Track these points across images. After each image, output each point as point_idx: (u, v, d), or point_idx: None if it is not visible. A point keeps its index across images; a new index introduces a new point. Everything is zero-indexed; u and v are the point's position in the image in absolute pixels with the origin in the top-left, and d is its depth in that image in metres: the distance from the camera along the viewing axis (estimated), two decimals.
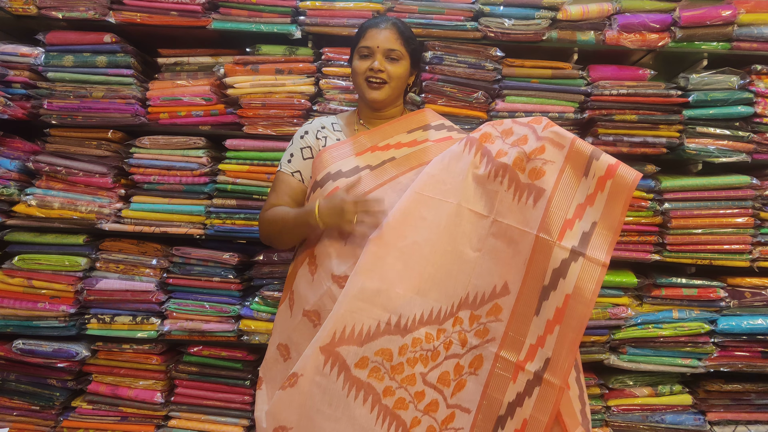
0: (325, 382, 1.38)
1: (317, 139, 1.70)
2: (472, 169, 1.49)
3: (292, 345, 1.63)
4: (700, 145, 2.24)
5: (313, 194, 1.63)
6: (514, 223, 1.42)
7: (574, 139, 1.42)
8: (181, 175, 2.29)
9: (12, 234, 2.31)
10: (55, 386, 2.34)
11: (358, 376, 1.38)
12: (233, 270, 2.29)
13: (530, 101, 2.25)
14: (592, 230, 1.38)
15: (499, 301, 1.43)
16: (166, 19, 2.21)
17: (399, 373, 1.41)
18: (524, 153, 1.44)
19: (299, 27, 2.23)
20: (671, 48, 2.25)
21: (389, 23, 1.66)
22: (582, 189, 1.40)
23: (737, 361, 2.29)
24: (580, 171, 1.41)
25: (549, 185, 1.40)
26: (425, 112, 1.81)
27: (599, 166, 1.38)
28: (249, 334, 2.28)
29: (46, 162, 2.27)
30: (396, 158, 1.64)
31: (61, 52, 2.24)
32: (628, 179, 1.36)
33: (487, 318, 1.44)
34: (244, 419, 2.34)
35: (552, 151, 1.42)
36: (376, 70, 1.62)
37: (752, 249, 2.27)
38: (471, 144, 1.54)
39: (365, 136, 1.68)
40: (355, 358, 1.38)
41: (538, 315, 1.40)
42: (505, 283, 1.43)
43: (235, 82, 2.24)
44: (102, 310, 2.30)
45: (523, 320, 1.41)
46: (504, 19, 2.22)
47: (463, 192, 1.48)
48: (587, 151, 1.41)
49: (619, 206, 1.37)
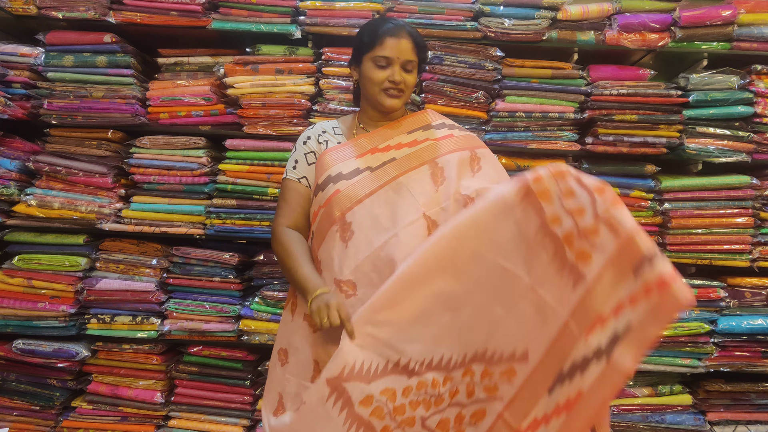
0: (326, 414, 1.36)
1: (319, 143, 1.70)
2: (520, 227, 1.36)
3: (291, 349, 1.63)
4: (700, 145, 2.24)
5: (315, 198, 1.63)
6: (550, 299, 1.33)
7: (632, 232, 1.22)
8: (181, 175, 2.29)
9: (12, 234, 2.31)
10: (55, 386, 2.34)
11: (361, 413, 1.36)
12: (233, 270, 2.29)
13: (530, 101, 2.25)
14: (625, 335, 1.23)
15: (515, 366, 1.38)
16: (166, 19, 2.21)
17: (400, 414, 1.39)
18: (577, 230, 1.29)
19: (299, 27, 2.23)
20: (671, 48, 2.25)
21: (405, 33, 1.64)
22: (625, 287, 1.24)
23: (737, 361, 2.29)
24: (628, 268, 1.24)
25: (592, 274, 1.26)
26: (425, 113, 1.81)
27: (652, 273, 1.19)
28: (249, 334, 2.28)
29: (46, 162, 2.27)
30: (396, 159, 1.63)
31: (61, 52, 2.24)
32: (679, 298, 1.16)
33: (499, 378, 1.39)
34: (244, 419, 2.34)
35: (605, 237, 1.25)
36: (398, 81, 1.62)
37: (752, 249, 2.27)
38: (526, 198, 1.35)
39: (365, 138, 1.68)
40: (360, 396, 1.36)
41: (550, 395, 1.34)
42: (526, 351, 1.36)
43: (235, 82, 2.24)
44: (102, 310, 2.30)
45: (534, 393, 1.36)
46: (504, 19, 2.22)
47: (505, 247, 1.36)
48: (643, 250, 1.21)
49: (661, 322, 1.21)
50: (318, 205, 1.61)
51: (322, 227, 1.60)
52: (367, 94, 1.69)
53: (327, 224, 1.58)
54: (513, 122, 2.27)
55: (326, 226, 1.58)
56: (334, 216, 1.56)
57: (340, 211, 1.55)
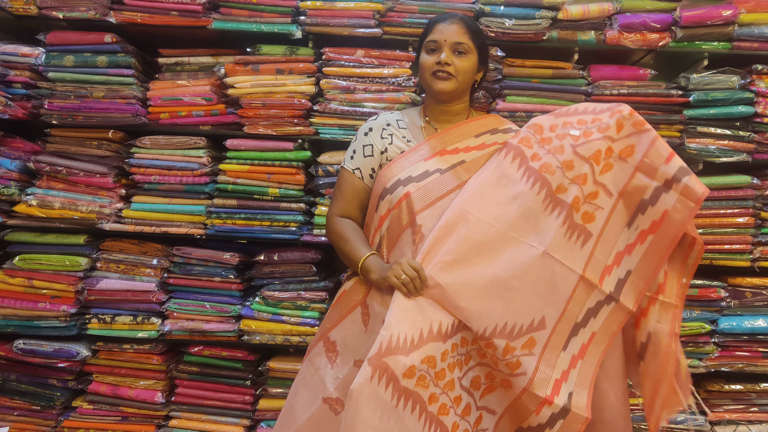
0: (374, 393, 1.37)
1: (382, 138, 1.69)
2: (528, 198, 1.50)
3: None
4: (700, 144, 2.24)
5: (382, 202, 1.62)
6: (563, 260, 1.45)
7: (621, 192, 1.48)
8: (181, 175, 2.29)
9: (13, 234, 2.31)
10: (55, 386, 2.34)
11: (406, 386, 1.38)
12: (234, 270, 2.29)
13: (531, 101, 2.25)
14: (626, 278, 1.48)
15: (534, 335, 1.45)
16: (166, 19, 2.21)
17: (441, 379, 1.43)
18: (582, 194, 1.48)
19: (300, 27, 2.23)
20: (672, 48, 2.25)
21: (456, 18, 1.68)
22: (623, 237, 1.49)
23: (738, 361, 2.29)
24: (624, 221, 1.49)
25: (596, 230, 1.47)
26: (494, 117, 1.83)
27: (643, 221, 1.46)
28: (249, 334, 2.28)
29: (46, 162, 2.27)
30: (466, 161, 1.63)
31: (62, 52, 2.25)
32: (668, 236, 1.43)
33: (521, 351, 1.44)
34: (245, 419, 2.34)
35: (603, 198, 1.48)
36: (443, 63, 1.63)
37: (753, 249, 2.27)
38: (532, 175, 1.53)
39: (434, 141, 1.68)
40: (402, 368, 1.37)
41: (566, 350, 1.46)
42: (543, 318, 1.46)
43: (235, 82, 2.24)
44: (103, 310, 2.30)
45: (552, 353, 1.46)
46: (504, 18, 2.22)
47: (514, 219, 1.49)
48: (635, 204, 1.47)
49: (655, 261, 1.46)
50: (387, 208, 1.60)
51: (393, 230, 1.59)
52: (423, 83, 1.71)
53: (398, 228, 1.58)
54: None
55: (398, 230, 1.58)
56: (405, 218, 1.56)
57: (411, 213, 1.55)
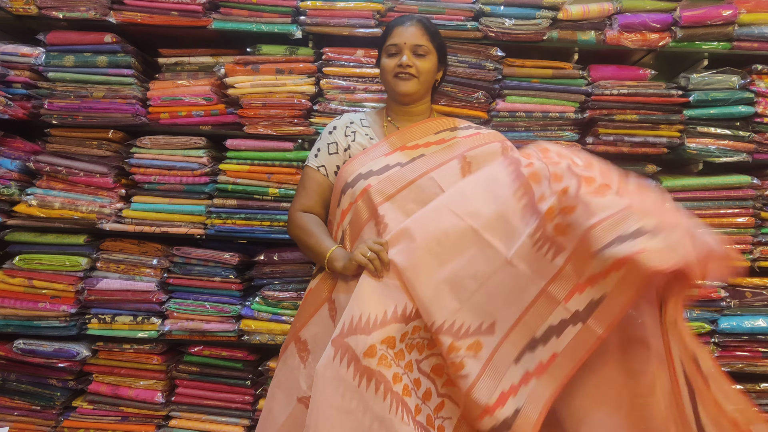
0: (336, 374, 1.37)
1: (345, 136, 1.73)
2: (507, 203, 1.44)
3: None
4: (700, 144, 2.24)
5: (344, 196, 1.64)
6: (527, 270, 1.37)
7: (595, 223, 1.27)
8: (181, 175, 2.29)
9: (13, 234, 2.31)
10: (55, 386, 2.34)
11: (368, 365, 1.36)
12: (234, 270, 2.29)
13: (531, 101, 2.25)
14: (599, 301, 1.31)
15: (481, 339, 1.40)
16: (166, 19, 2.21)
17: (401, 359, 1.41)
18: (558, 206, 1.36)
19: (300, 27, 2.23)
20: (672, 48, 2.25)
21: (414, 20, 1.71)
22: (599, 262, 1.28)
23: (738, 361, 2.29)
24: (590, 255, 1.31)
25: (570, 246, 1.34)
26: (453, 118, 1.85)
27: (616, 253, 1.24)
28: (249, 334, 2.27)
29: (46, 162, 2.27)
30: (425, 155, 1.66)
31: (62, 52, 2.24)
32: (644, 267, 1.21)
33: (466, 352, 1.39)
34: (245, 419, 2.34)
35: (581, 215, 1.32)
36: (405, 65, 1.67)
37: (753, 249, 2.27)
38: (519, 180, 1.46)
39: (394, 137, 1.71)
40: (363, 347, 1.36)
41: (518, 363, 1.37)
42: (493, 323, 1.40)
43: (235, 82, 2.24)
44: (103, 310, 2.30)
45: (502, 363, 1.38)
46: (504, 18, 2.22)
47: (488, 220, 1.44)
48: (600, 243, 1.26)
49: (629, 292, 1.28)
50: (349, 202, 1.63)
51: (355, 224, 1.62)
52: (385, 85, 1.74)
53: (360, 220, 1.60)
54: (514, 122, 2.27)
55: (360, 223, 1.61)
56: (366, 211, 1.59)
57: (372, 206, 1.58)
